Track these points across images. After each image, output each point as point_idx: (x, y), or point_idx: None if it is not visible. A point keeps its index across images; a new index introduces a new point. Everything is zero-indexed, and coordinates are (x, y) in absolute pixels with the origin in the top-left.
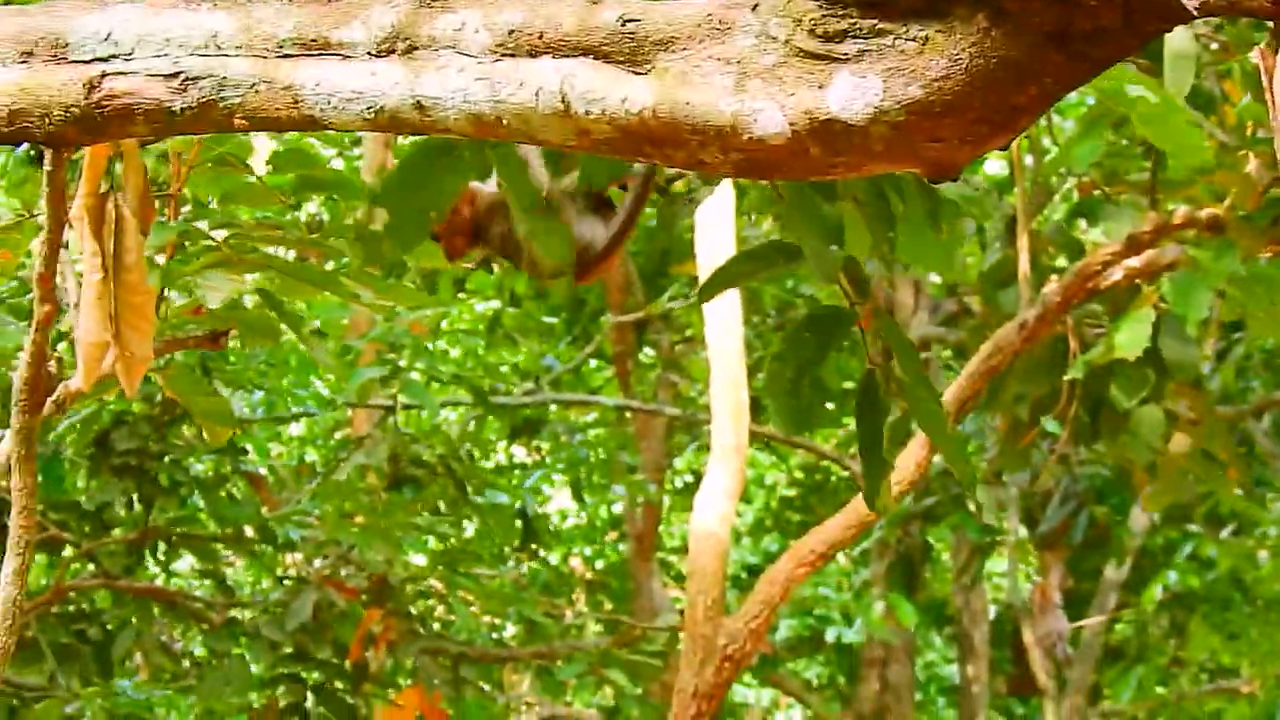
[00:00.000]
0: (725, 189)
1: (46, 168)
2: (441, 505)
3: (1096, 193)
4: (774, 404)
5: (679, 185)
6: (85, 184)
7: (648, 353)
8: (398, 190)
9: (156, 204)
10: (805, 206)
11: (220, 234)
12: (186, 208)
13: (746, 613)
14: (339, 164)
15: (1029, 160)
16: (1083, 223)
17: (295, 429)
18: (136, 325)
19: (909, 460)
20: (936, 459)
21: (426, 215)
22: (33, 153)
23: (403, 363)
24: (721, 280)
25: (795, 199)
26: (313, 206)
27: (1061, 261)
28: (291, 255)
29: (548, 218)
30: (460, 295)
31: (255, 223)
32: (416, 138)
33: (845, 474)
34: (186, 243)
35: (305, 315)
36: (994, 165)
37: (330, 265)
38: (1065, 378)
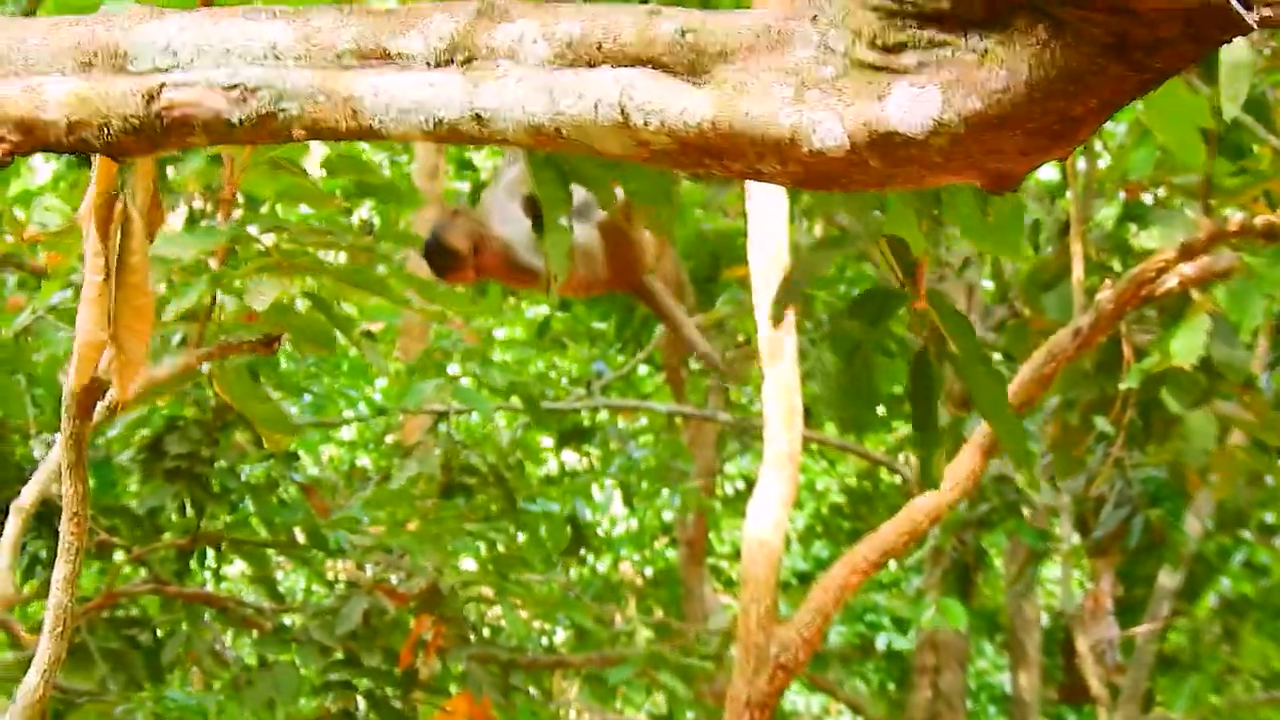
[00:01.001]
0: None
1: (94, 173)
2: (492, 510)
3: (1146, 196)
4: (824, 386)
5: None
6: (95, 184)
7: None
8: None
9: (203, 210)
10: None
11: (270, 238)
12: (238, 211)
13: (799, 621)
14: (387, 168)
15: (1081, 165)
16: (1133, 226)
17: (346, 433)
18: (135, 328)
19: (963, 467)
20: (992, 465)
21: None
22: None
23: (455, 369)
24: (789, 293)
25: None
26: (364, 210)
27: (1113, 264)
28: (342, 259)
29: (642, 172)
30: (510, 300)
31: (307, 227)
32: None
33: (896, 480)
34: (238, 247)
35: (356, 320)
36: (1045, 170)
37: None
38: (1120, 386)
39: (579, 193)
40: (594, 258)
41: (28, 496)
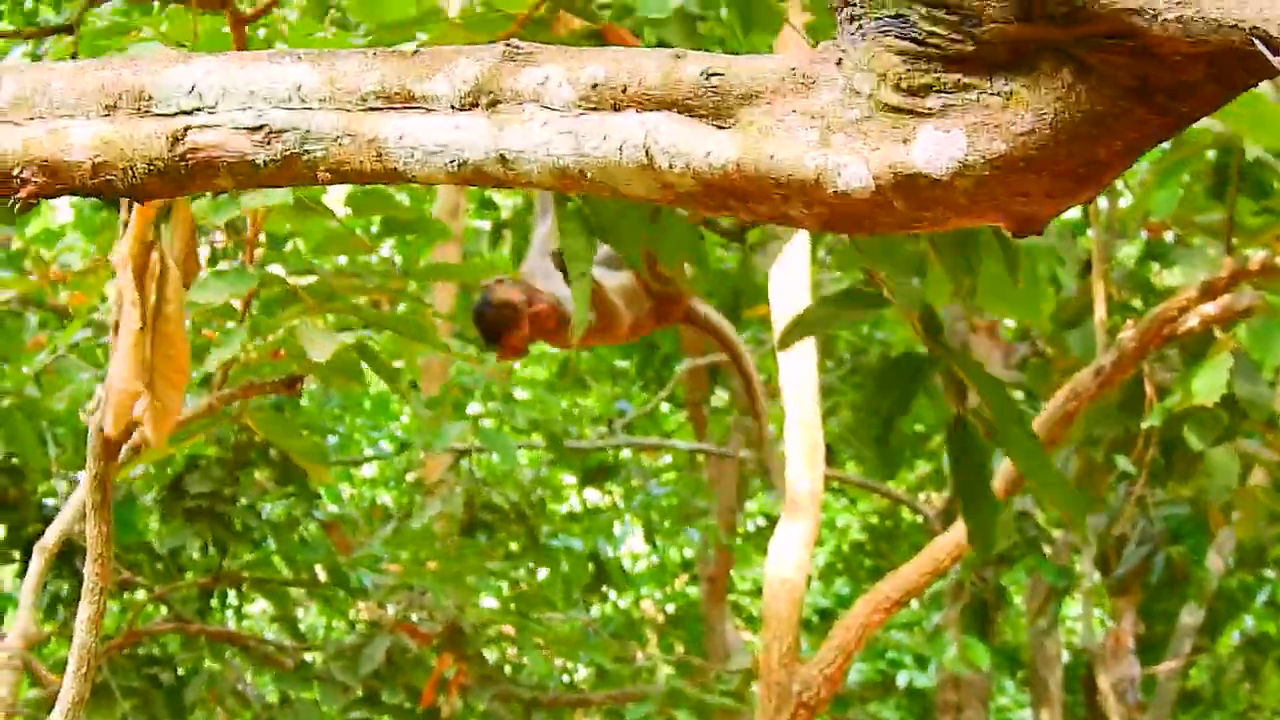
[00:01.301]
0: (799, 235)
1: (123, 217)
2: (513, 548)
3: (1167, 235)
4: (863, 452)
5: (755, 233)
6: (132, 231)
7: (721, 396)
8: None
9: (225, 249)
10: (887, 241)
11: (299, 279)
12: (260, 250)
13: (821, 659)
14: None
15: (1103, 204)
16: (1155, 265)
17: (367, 470)
18: (170, 376)
19: None
20: (1014, 501)
21: None
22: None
23: (476, 407)
24: (801, 328)
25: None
26: (385, 249)
27: (1135, 303)
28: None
29: (672, 221)
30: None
31: (336, 269)
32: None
33: (917, 518)
34: (264, 290)
35: (396, 370)
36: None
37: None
38: (1143, 425)
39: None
40: (638, 296)
41: (51, 536)
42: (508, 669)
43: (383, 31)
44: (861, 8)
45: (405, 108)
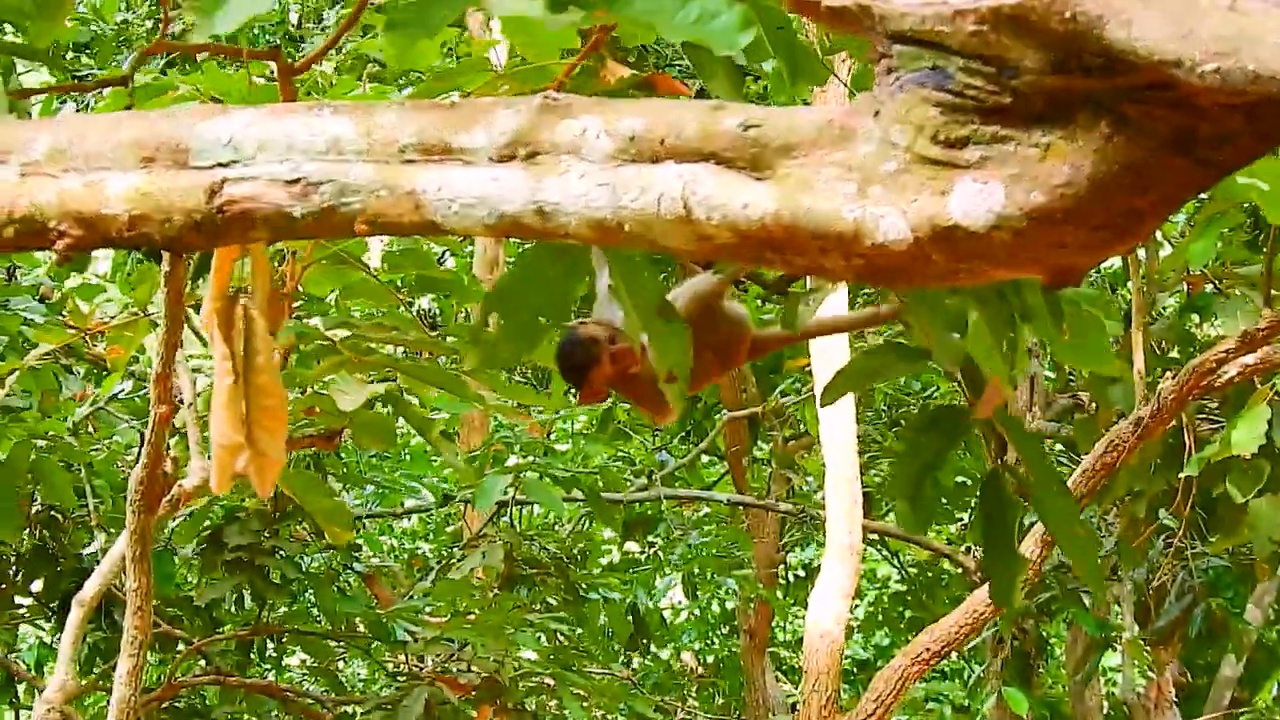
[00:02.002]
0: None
1: (164, 269)
2: (553, 600)
3: (1208, 287)
4: (900, 506)
5: (798, 285)
6: (212, 287)
7: (761, 448)
8: (513, 294)
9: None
10: (928, 296)
11: (336, 333)
12: (298, 303)
13: (861, 710)
14: (449, 259)
15: (1142, 255)
16: (1195, 316)
17: (407, 521)
18: (269, 427)
19: (1025, 555)
20: (1053, 554)
21: (539, 319)
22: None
23: (514, 459)
24: (844, 382)
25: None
26: (425, 301)
27: (1174, 354)
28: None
29: (668, 319)
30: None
31: (371, 322)
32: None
33: (957, 569)
34: (301, 344)
35: (432, 420)
36: (1107, 260)
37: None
38: (1181, 474)
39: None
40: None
41: (90, 589)
42: None
43: (429, 82)
44: (899, 60)
45: (443, 159)
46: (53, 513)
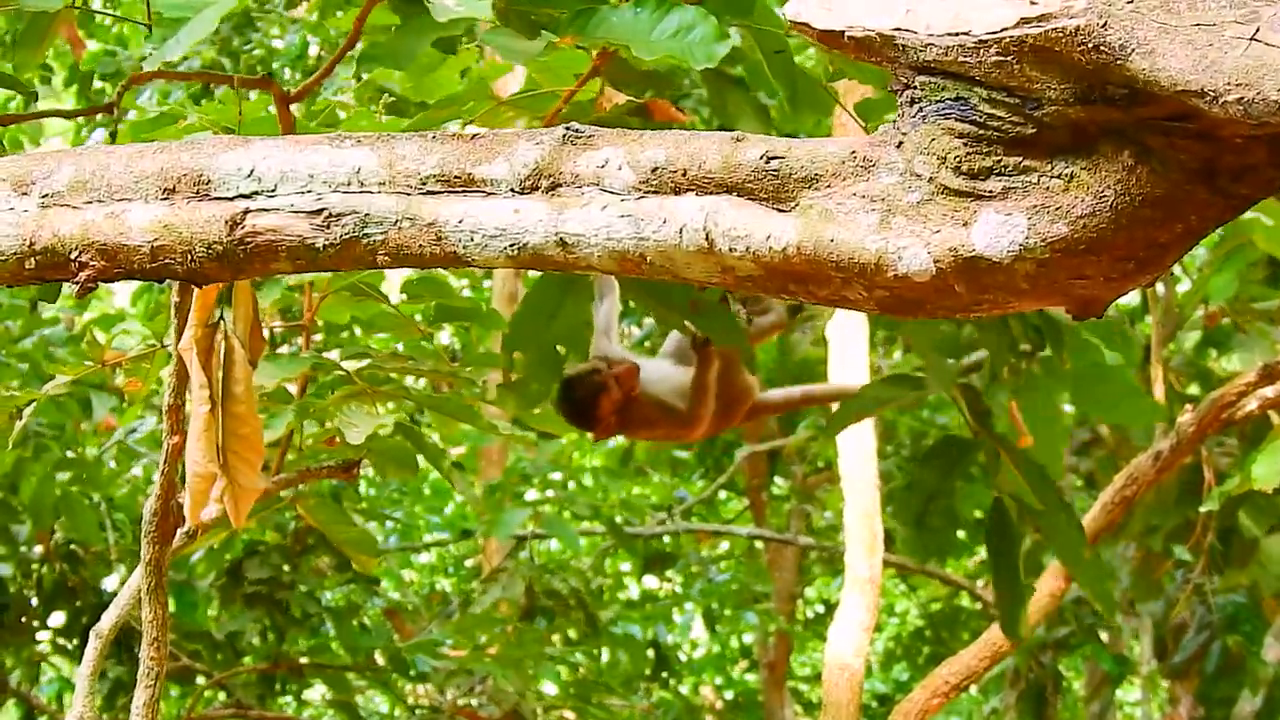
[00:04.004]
0: (857, 318)
1: (174, 299)
2: (573, 634)
3: (1225, 321)
4: (903, 534)
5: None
6: (195, 314)
7: (780, 483)
8: (531, 328)
9: (283, 334)
10: (923, 322)
11: (352, 364)
12: (318, 336)
13: None
14: (468, 292)
15: (1161, 289)
16: (1213, 351)
17: (426, 556)
18: (245, 456)
19: (1043, 589)
20: (1071, 588)
21: (558, 349)
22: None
23: (533, 494)
24: (850, 413)
25: None
26: (444, 335)
27: (1193, 389)
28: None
29: (714, 310)
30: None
31: (389, 353)
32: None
33: (977, 604)
34: (319, 375)
35: (445, 451)
36: (1126, 295)
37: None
38: (1200, 509)
39: (674, 337)
40: (709, 394)
41: (107, 621)
42: None
43: (432, 109)
44: (922, 91)
45: (465, 191)
46: (72, 546)
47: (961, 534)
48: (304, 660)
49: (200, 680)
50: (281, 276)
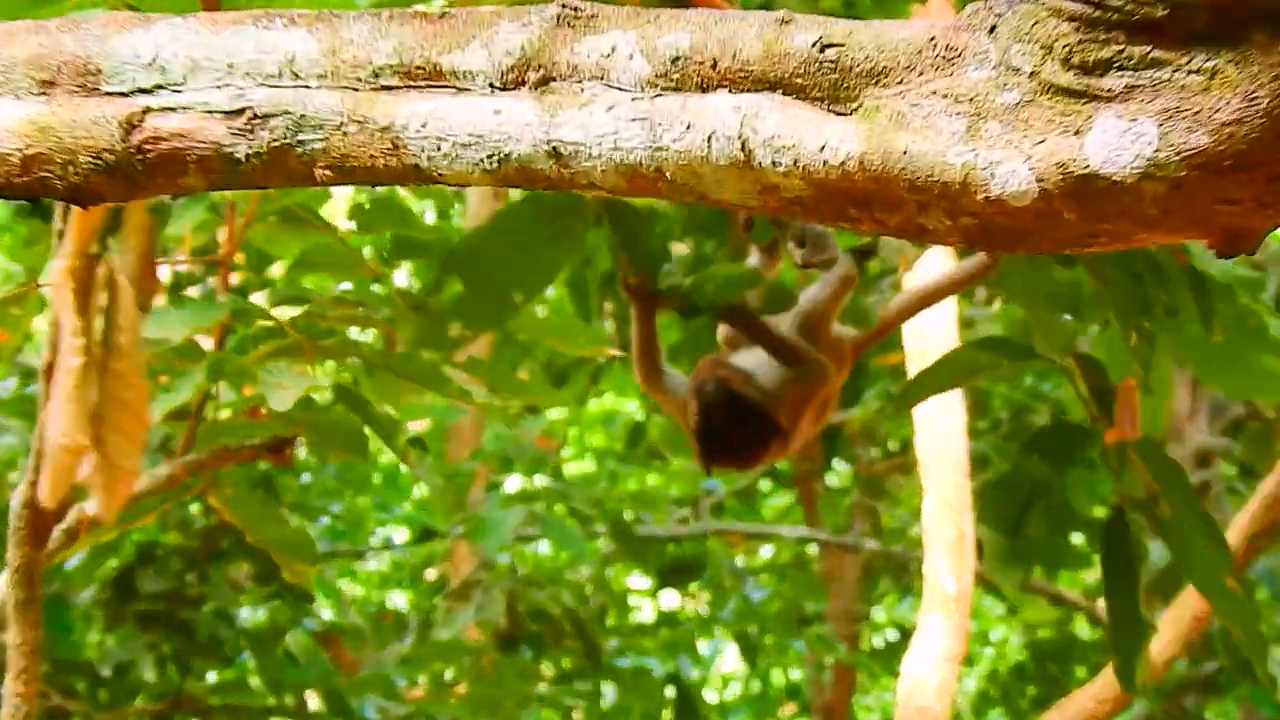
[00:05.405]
0: (939, 258)
1: (57, 226)
2: (568, 666)
3: None
4: (992, 541)
5: (874, 264)
6: (72, 241)
7: (840, 470)
8: (483, 258)
9: (202, 270)
10: (1031, 266)
11: (284, 311)
12: (238, 275)
13: None
14: (432, 218)
15: None
16: None
17: (374, 563)
18: (125, 428)
19: (1183, 613)
20: None
21: (511, 293)
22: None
23: (518, 480)
24: (927, 385)
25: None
26: (402, 275)
27: None
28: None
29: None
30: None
31: (331, 298)
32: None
33: (1097, 629)
34: (240, 325)
35: (399, 421)
36: None
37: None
38: None
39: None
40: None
41: None
42: None
43: None
44: None
45: (430, 87)
46: None
47: (1079, 538)
48: (213, 700)
49: None
50: (192, 196)
